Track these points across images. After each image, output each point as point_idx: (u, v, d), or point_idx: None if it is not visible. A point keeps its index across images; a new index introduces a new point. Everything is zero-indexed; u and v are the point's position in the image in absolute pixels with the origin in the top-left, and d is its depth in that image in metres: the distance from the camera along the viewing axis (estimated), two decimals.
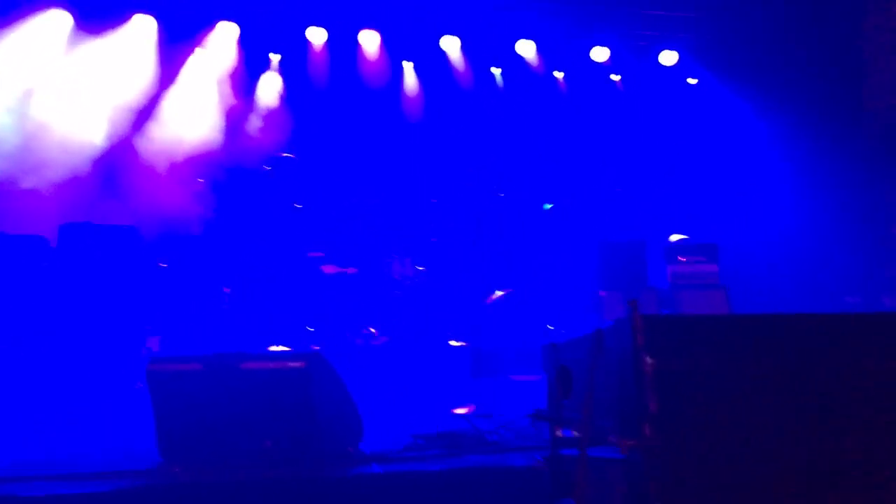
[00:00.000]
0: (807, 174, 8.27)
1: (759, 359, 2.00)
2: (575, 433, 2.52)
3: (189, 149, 7.72)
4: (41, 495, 2.54)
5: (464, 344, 6.37)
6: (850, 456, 1.96)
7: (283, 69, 8.39)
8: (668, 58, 9.07)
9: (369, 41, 8.50)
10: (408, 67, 8.71)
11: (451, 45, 8.70)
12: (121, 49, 7.77)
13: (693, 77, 9.21)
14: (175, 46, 7.96)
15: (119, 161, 7.48)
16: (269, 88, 8.35)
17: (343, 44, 8.44)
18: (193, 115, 7.96)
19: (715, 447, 1.92)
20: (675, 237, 7.38)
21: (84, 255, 5.81)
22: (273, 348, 6.13)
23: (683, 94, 9.22)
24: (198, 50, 8.08)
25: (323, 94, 8.36)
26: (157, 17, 7.88)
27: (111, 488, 2.61)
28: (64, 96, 7.50)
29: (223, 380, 2.98)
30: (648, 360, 1.87)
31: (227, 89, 8.16)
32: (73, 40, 7.60)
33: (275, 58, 8.38)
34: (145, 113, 7.75)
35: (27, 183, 7.04)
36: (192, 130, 7.87)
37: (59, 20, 7.55)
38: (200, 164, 7.49)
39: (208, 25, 8.09)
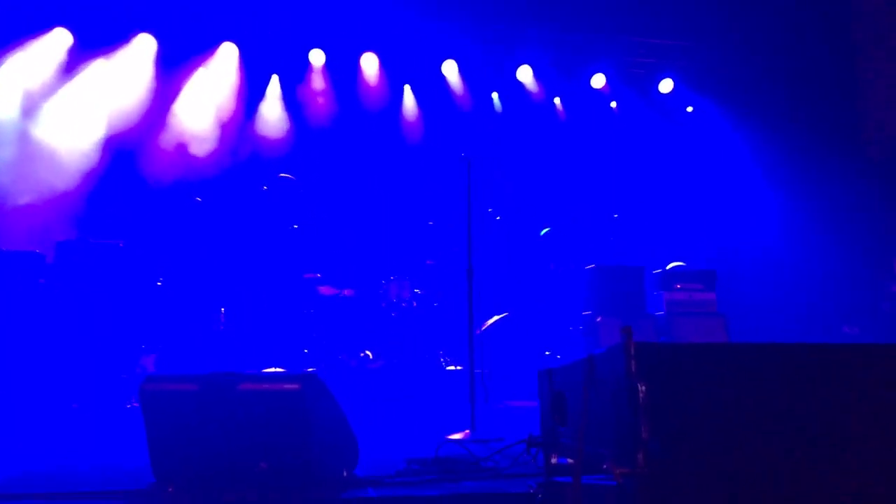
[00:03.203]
0: (806, 202, 8.33)
1: (753, 388, 2.01)
2: (570, 460, 2.52)
3: (187, 167, 7.76)
4: None
5: (459, 367, 6.37)
6: (846, 486, 1.97)
7: (284, 90, 8.46)
8: (666, 85, 9.17)
9: (369, 64, 8.59)
10: (407, 91, 8.80)
11: (450, 70, 8.79)
12: (121, 68, 7.84)
13: (690, 105, 9.31)
14: (176, 66, 8.04)
15: (117, 178, 7.51)
16: (270, 109, 8.42)
17: (343, 66, 8.52)
18: (193, 134, 8.01)
19: (708, 476, 1.92)
20: (672, 264, 7.41)
21: (80, 271, 5.82)
22: (269, 370, 6.11)
23: (680, 121, 9.30)
24: (199, 70, 8.15)
25: (323, 116, 8.42)
26: (158, 38, 7.95)
27: None
28: (63, 114, 7.56)
29: (218, 400, 2.96)
30: (641, 387, 1.88)
31: (227, 109, 8.22)
32: (74, 59, 7.68)
33: (275, 79, 8.45)
34: (144, 131, 7.80)
35: (24, 199, 7.06)
36: (190, 149, 7.92)
37: (60, 39, 7.63)
38: (198, 182, 7.52)
39: (210, 46, 8.18)
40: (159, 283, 6.31)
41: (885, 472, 1.98)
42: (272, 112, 8.40)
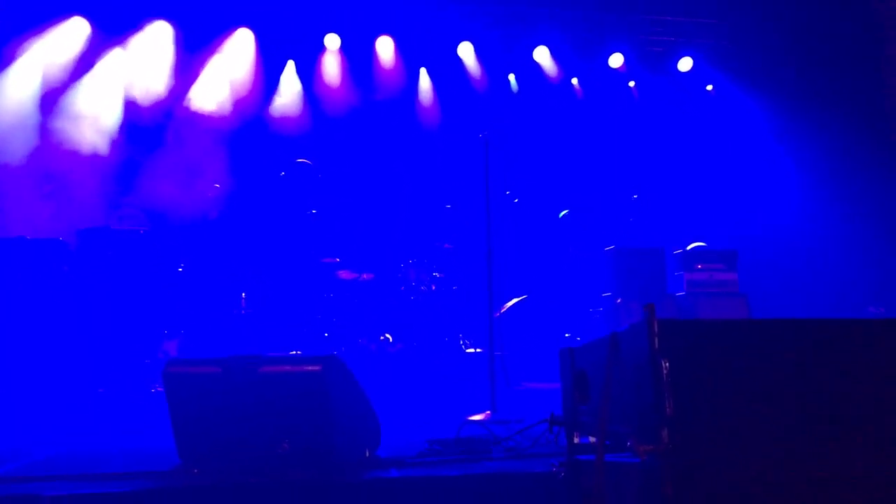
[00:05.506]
0: (829, 181, 8.20)
1: (775, 364, 1.99)
2: (592, 439, 2.51)
3: (205, 154, 7.80)
4: (63, 494, 2.57)
5: (479, 350, 6.37)
6: (869, 462, 1.95)
7: (300, 75, 8.46)
8: (685, 64, 9.04)
9: (385, 48, 8.55)
10: (423, 74, 8.75)
11: (466, 52, 8.73)
12: (139, 56, 7.87)
13: (710, 83, 9.17)
14: (193, 53, 8.05)
15: (137, 166, 7.56)
16: (286, 95, 8.42)
17: (359, 50, 8.50)
18: (210, 121, 8.04)
19: (732, 452, 1.91)
20: (693, 245, 7.34)
21: (102, 259, 5.88)
22: (290, 353, 6.15)
23: (700, 99, 9.18)
24: (216, 56, 8.17)
25: (339, 100, 8.41)
26: (174, 24, 7.97)
27: (132, 488, 2.64)
28: (82, 102, 7.62)
29: (240, 383, 2.99)
30: (665, 364, 1.87)
31: (244, 95, 8.23)
32: (92, 48, 7.72)
33: (291, 64, 8.45)
34: (161, 118, 7.84)
35: (47, 188, 7.14)
36: (208, 136, 7.95)
37: (77, 28, 7.67)
38: (217, 169, 7.56)
39: (226, 32, 8.18)
40: (180, 269, 6.37)
41: None
42: (288, 97, 8.40)
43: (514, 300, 6.84)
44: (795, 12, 8.27)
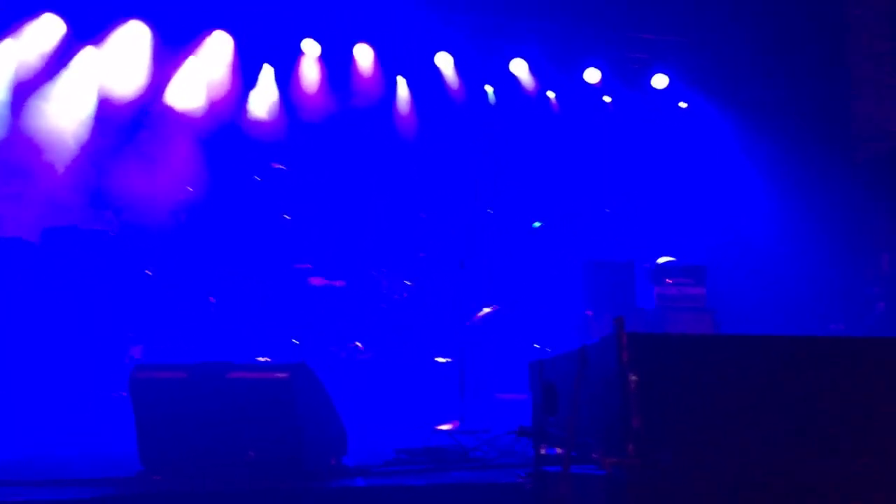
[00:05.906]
0: (797, 199, 8.37)
1: (742, 379, 2.02)
2: (559, 450, 2.52)
3: (178, 156, 7.71)
4: (21, 500, 2.51)
5: (450, 360, 6.36)
6: (833, 476, 1.98)
7: (277, 80, 8.41)
8: (660, 81, 9.17)
9: (363, 55, 8.55)
10: (401, 83, 8.76)
11: (444, 62, 8.75)
12: (113, 55, 7.77)
13: (684, 101, 9.31)
14: (169, 54, 7.96)
15: (107, 166, 7.45)
16: (261, 99, 8.36)
17: (337, 57, 8.48)
18: (183, 123, 7.95)
19: (697, 466, 1.93)
20: (662, 259, 7.43)
21: (68, 259, 5.77)
22: (259, 360, 6.09)
23: (673, 116, 9.31)
24: (191, 58, 8.09)
25: (316, 106, 8.38)
26: (151, 25, 7.88)
27: (91, 495, 2.58)
28: (53, 101, 7.50)
29: (207, 389, 2.96)
30: (633, 377, 1.88)
31: (219, 98, 8.16)
32: (66, 46, 7.60)
33: (267, 68, 8.40)
34: (134, 119, 7.74)
35: (11, 186, 7.00)
36: (181, 138, 7.86)
37: (51, 26, 7.55)
38: (190, 171, 7.47)
39: (202, 34, 8.11)
40: (148, 273, 6.27)
41: (869, 461, 1.99)
42: (264, 102, 8.34)
43: (486, 310, 6.85)
44: (765, 34, 8.46)
